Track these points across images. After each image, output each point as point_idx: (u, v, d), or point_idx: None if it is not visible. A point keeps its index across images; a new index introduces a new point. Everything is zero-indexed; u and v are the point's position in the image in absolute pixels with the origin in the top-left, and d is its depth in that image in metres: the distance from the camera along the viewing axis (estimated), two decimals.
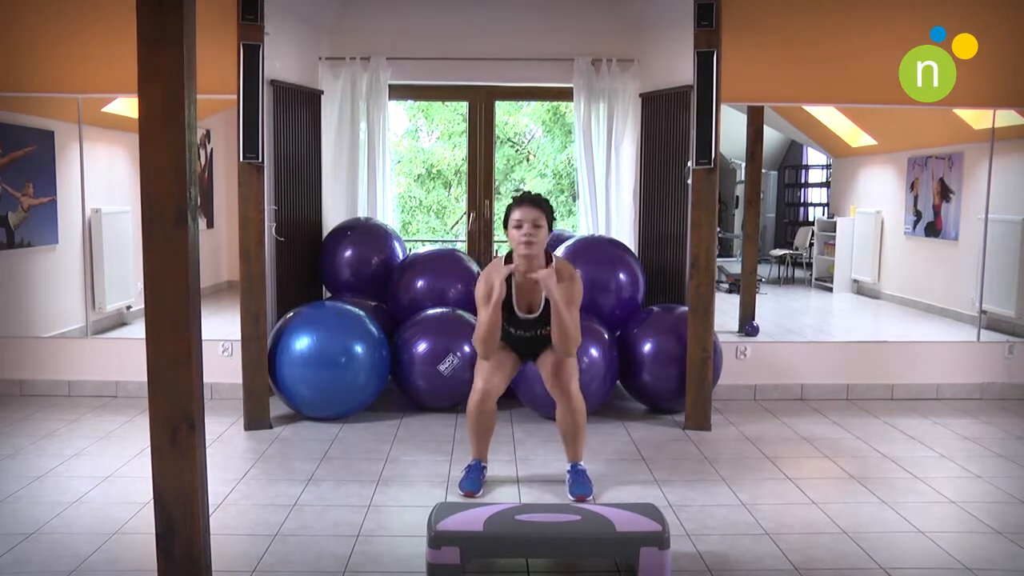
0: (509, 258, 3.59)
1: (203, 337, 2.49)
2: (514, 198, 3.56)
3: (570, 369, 3.61)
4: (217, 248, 6.36)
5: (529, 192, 3.61)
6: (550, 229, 3.54)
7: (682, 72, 4.87)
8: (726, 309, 6.01)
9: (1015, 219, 5.52)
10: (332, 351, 4.51)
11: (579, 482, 3.58)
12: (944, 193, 6.20)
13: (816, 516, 3.37)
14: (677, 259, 5.29)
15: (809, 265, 7.71)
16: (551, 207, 3.57)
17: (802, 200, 8.49)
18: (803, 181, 8.47)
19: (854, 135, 6.92)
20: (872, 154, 7.00)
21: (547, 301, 3.52)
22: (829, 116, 6.73)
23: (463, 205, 7.07)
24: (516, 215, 3.48)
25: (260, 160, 4.38)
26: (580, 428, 3.62)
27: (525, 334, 3.65)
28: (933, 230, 6.33)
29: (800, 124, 7.14)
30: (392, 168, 5.88)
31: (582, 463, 3.68)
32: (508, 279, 3.54)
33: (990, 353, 5.40)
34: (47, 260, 5.47)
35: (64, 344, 5.33)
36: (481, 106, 5.85)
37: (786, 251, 7.89)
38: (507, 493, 3.63)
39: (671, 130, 5.27)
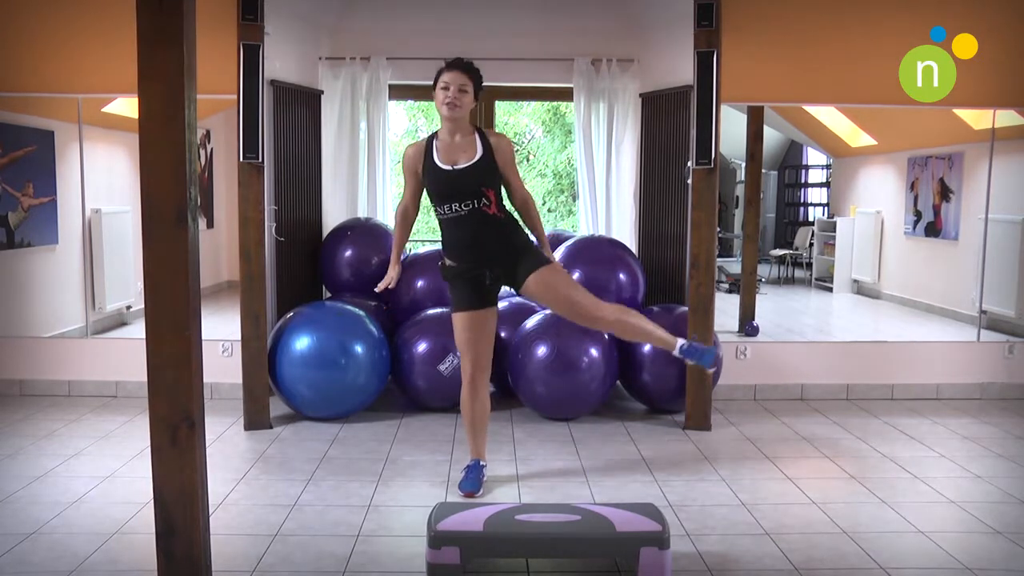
0: (432, 138, 3.58)
1: (203, 337, 2.49)
2: (445, 62, 3.52)
3: (564, 280, 3.49)
4: (217, 248, 6.36)
5: (461, 59, 3.55)
6: (476, 97, 3.52)
7: (682, 72, 4.87)
8: (726, 309, 6.01)
9: (1015, 219, 5.52)
10: (332, 351, 4.51)
11: (696, 352, 3.41)
12: (944, 193, 6.20)
13: (816, 516, 3.37)
14: (677, 259, 5.29)
15: (809, 265, 7.71)
16: (480, 76, 3.53)
17: (802, 200, 8.49)
18: (803, 181, 8.48)
19: (854, 135, 6.92)
20: (872, 154, 7.00)
21: (483, 155, 3.46)
22: (829, 116, 6.73)
23: None
24: (444, 78, 3.46)
25: (260, 160, 4.38)
26: (646, 330, 3.46)
27: (462, 208, 3.44)
28: (933, 230, 6.33)
29: (800, 124, 7.14)
30: (392, 168, 5.87)
31: (682, 341, 3.44)
32: (430, 143, 3.53)
33: (990, 353, 5.40)
34: (47, 260, 5.47)
35: (64, 344, 5.33)
36: (481, 106, 5.84)
37: (786, 251, 7.89)
38: (507, 493, 3.63)
39: (671, 130, 5.27)
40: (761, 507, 3.46)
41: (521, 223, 3.62)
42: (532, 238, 3.64)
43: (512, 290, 3.60)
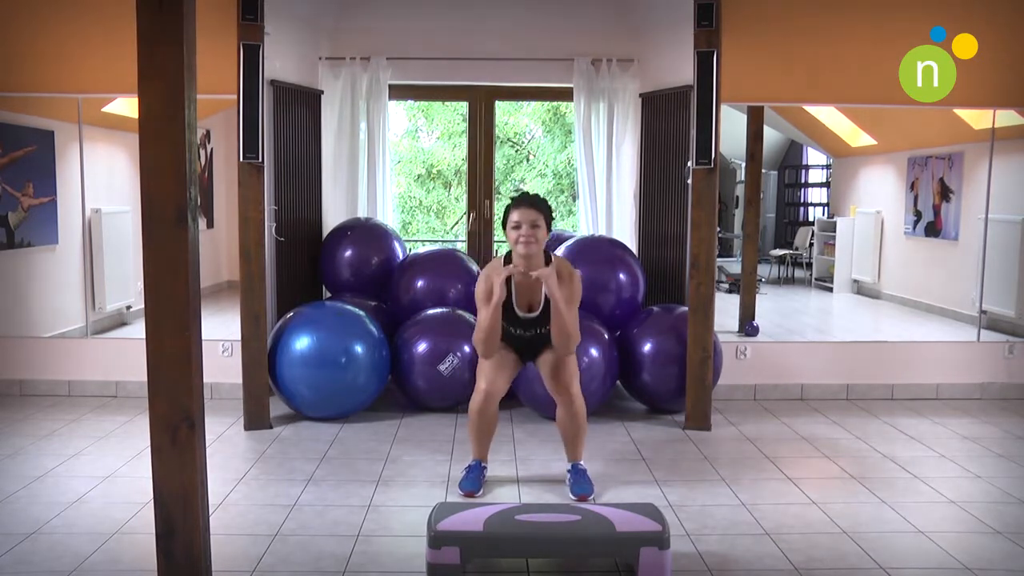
0: (508, 258, 3.59)
1: (203, 337, 2.49)
2: (512, 198, 3.56)
3: (570, 370, 3.61)
4: (217, 248, 6.36)
5: (527, 193, 3.61)
6: (549, 229, 3.54)
7: (682, 72, 4.87)
8: (726, 309, 6.01)
9: (1015, 219, 5.52)
10: (332, 351, 4.51)
11: (580, 482, 3.58)
12: (944, 193, 6.20)
13: (816, 516, 3.37)
14: (677, 259, 5.29)
15: (809, 265, 7.71)
16: (550, 207, 3.57)
17: (802, 200, 8.49)
18: (803, 181, 8.48)
19: (854, 135, 6.93)
20: (872, 154, 7.00)
21: (547, 300, 3.52)
22: (829, 116, 6.73)
23: (463, 205, 7.07)
24: (515, 216, 3.48)
25: (260, 160, 4.38)
26: (581, 429, 3.62)
27: (526, 333, 3.64)
28: (933, 230, 6.34)
29: (800, 124, 7.14)
30: (392, 168, 5.88)
31: (582, 463, 3.68)
32: (508, 279, 3.54)
33: (990, 353, 5.40)
34: (47, 260, 5.47)
35: (64, 344, 5.33)
36: (481, 106, 5.85)
37: (786, 251, 7.89)
38: (507, 493, 3.63)
39: (671, 130, 5.27)
40: (761, 507, 3.46)
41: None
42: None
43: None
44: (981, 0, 5.01)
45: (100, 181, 5.59)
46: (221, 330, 5.22)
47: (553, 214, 3.59)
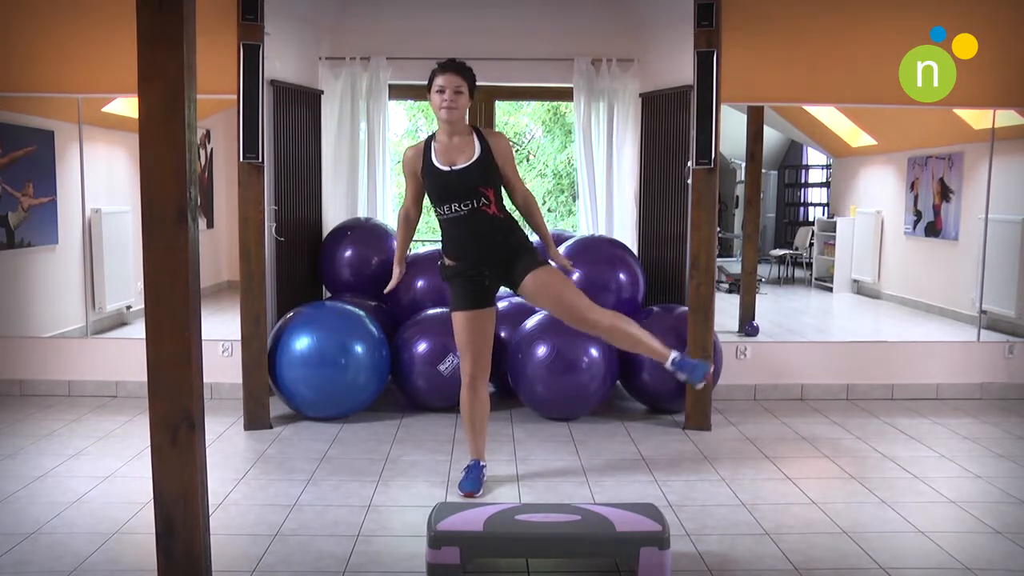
0: (431, 140, 3.57)
1: (203, 337, 2.49)
2: (438, 63, 3.51)
3: (570, 293, 3.47)
4: (217, 248, 6.36)
5: (453, 59, 3.54)
6: (471, 96, 3.52)
7: (682, 72, 4.87)
8: (726, 309, 6.01)
9: (1015, 219, 5.52)
10: (332, 351, 4.51)
11: (688, 366, 3.45)
12: (944, 193, 6.20)
13: (816, 516, 3.37)
14: (677, 259, 5.29)
15: (809, 265, 7.71)
16: (474, 75, 3.52)
17: (802, 200, 8.49)
18: (803, 181, 8.47)
19: (854, 135, 6.92)
20: (872, 154, 7.00)
21: (481, 154, 3.46)
22: (829, 116, 6.73)
23: None
24: (439, 81, 3.45)
25: (260, 160, 4.38)
26: (638, 338, 3.48)
27: (462, 208, 3.44)
28: (933, 230, 6.33)
29: (800, 124, 7.14)
30: (392, 168, 5.87)
31: (675, 354, 3.49)
32: (428, 145, 3.52)
33: (990, 353, 5.40)
34: (47, 260, 5.47)
35: (64, 344, 5.33)
36: (481, 106, 5.84)
37: (786, 251, 7.89)
38: (507, 493, 3.63)
39: (671, 130, 5.27)
40: (761, 507, 3.46)
41: (520, 223, 3.62)
42: (531, 239, 3.64)
43: (511, 291, 3.60)
44: (981, 0, 5.01)
45: (100, 181, 5.59)
46: (221, 330, 5.22)
47: (476, 81, 3.53)
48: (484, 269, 3.51)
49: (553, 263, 3.66)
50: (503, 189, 3.57)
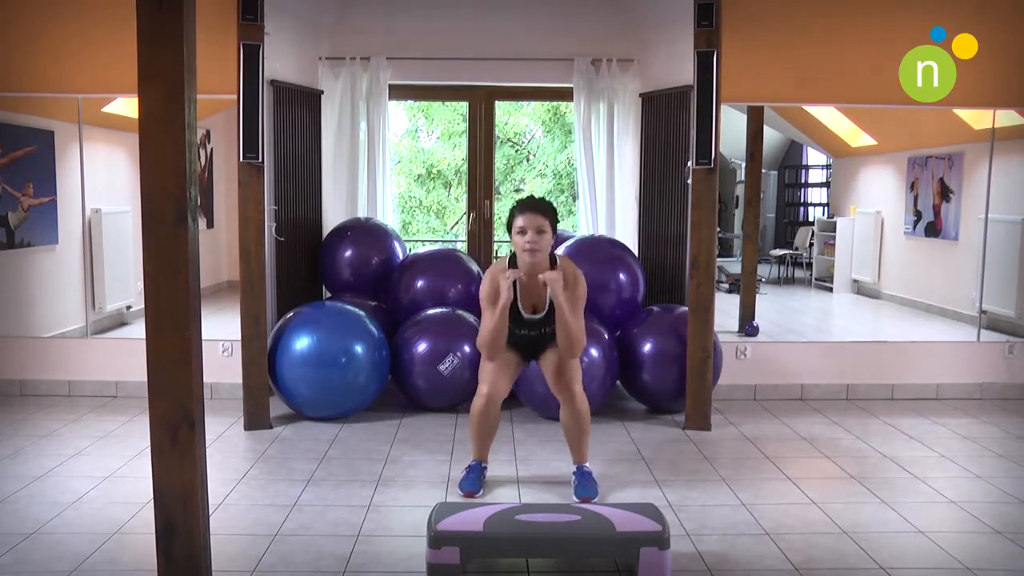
0: (513, 259, 3.58)
1: (203, 337, 2.49)
2: (518, 202, 3.53)
3: (573, 370, 3.60)
4: (217, 248, 6.36)
5: (533, 197, 3.57)
6: (554, 232, 3.53)
7: (682, 72, 4.87)
8: (726, 309, 6.01)
9: (1015, 219, 5.52)
10: (332, 351, 4.51)
11: (585, 484, 3.57)
12: (944, 193, 6.20)
13: (816, 516, 3.37)
14: (677, 259, 5.29)
15: (809, 265, 7.71)
16: (555, 211, 3.54)
17: (802, 200, 8.49)
18: (803, 181, 8.48)
19: (854, 135, 6.93)
20: (872, 154, 7.00)
21: (551, 301, 3.52)
22: (829, 116, 6.73)
23: (463, 205, 7.07)
24: (519, 222, 3.46)
25: (260, 160, 4.38)
26: (584, 429, 3.61)
27: (530, 333, 3.64)
28: (933, 230, 6.34)
29: (800, 124, 7.14)
30: (392, 168, 5.88)
31: (587, 465, 3.66)
32: (515, 283, 3.53)
33: (990, 353, 5.40)
34: (47, 260, 5.47)
35: (64, 344, 5.33)
36: (481, 106, 5.85)
37: (786, 251, 7.89)
38: (507, 493, 3.63)
39: (671, 130, 5.27)
40: (761, 507, 3.46)
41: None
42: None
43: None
44: (981, 0, 5.01)
45: (100, 181, 5.59)
46: (221, 330, 5.22)
47: (558, 216, 3.57)
48: (528, 357, 3.73)
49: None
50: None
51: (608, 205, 5.61)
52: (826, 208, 7.81)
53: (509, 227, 3.53)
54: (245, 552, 2.99)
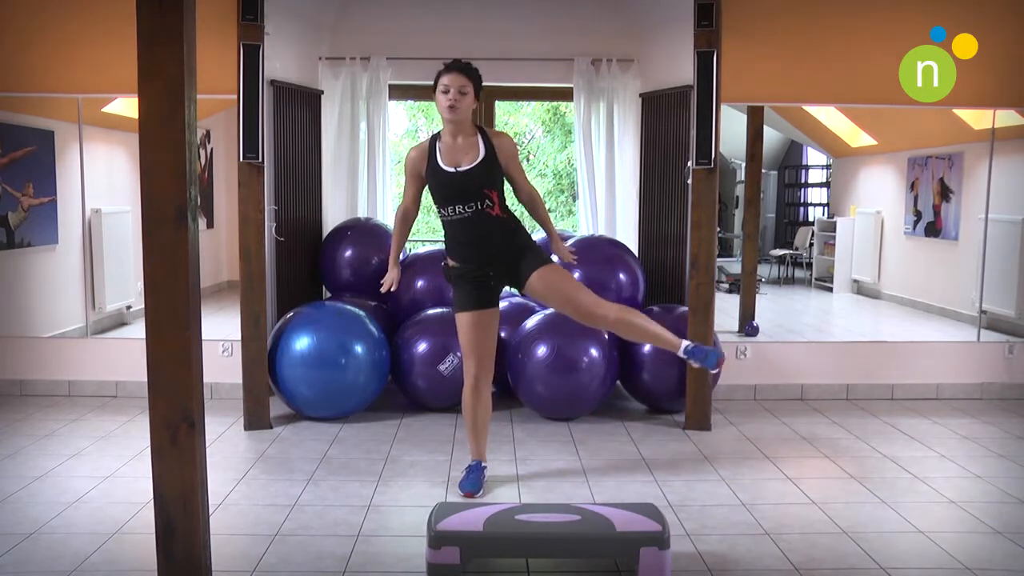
0: (436, 137, 3.57)
1: (203, 337, 2.49)
2: (444, 64, 3.52)
3: (572, 287, 3.49)
4: (217, 248, 6.36)
5: (459, 60, 3.55)
6: (477, 96, 3.52)
7: (682, 72, 4.87)
8: (726, 309, 6.01)
9: (1015, 219, 5.52)
10: (332, 351, 4.51)
11: (702, 354, 3.41)
12: (944, 193, 6.20)
13: (816, 516, 3.37)
14: (677, 259, 5.29)
15: (809, 265, 7.71)
16: (479, 76, 3.53)
17: (802, 200, 8.49)
18: (803, 181, 8.48)
19: (854, 135, 6.93)
20: (872, 154, 7.00)
21: (486, 156, 3.46)
22: (829, 116, 6.73)
23: None
24: (444, 80, 3.46)
25: (260, 160, 4.38)
26: (647, 329, 3.45)
27: (466, 210, 3.45)
28: (933, 230, 6.34)
29: (800, 124, 7.14)
30: (392, 168, 5.87)
31: (687, 343, 3.47)
32: (432, 144, 3.52)
33: (990, 353, 5.40)
34: (47, 260, 5.47)
35: (64, 344, 5.33)
36: (481, 106, 5.82)
37: (786, 251, 7.89)
38: (507, 493, 3.63)
39: (671, 130, 5.27)
40: (761, 507, 3.46)
41: (523, 222, 3.63)
42: (534, 237, 3.65)
43: (514, 290, 3.60)
44: (981, 0, 5.01)
45: (100, 181, 5.59)
46: (221, 330, 5.22)
47: (482, 81, 3.54)
48: (489, 270, 3.52)
49: (556, 257, 3.68)
50: (508, 189, 3.57)
51: (608, 205, 5.61)
52: (826, 208, 7.81)
53: (434, 89, 3.50)
54: (245, 552, 2.99)
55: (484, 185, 3.45)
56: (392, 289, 3.71)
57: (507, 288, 3.66)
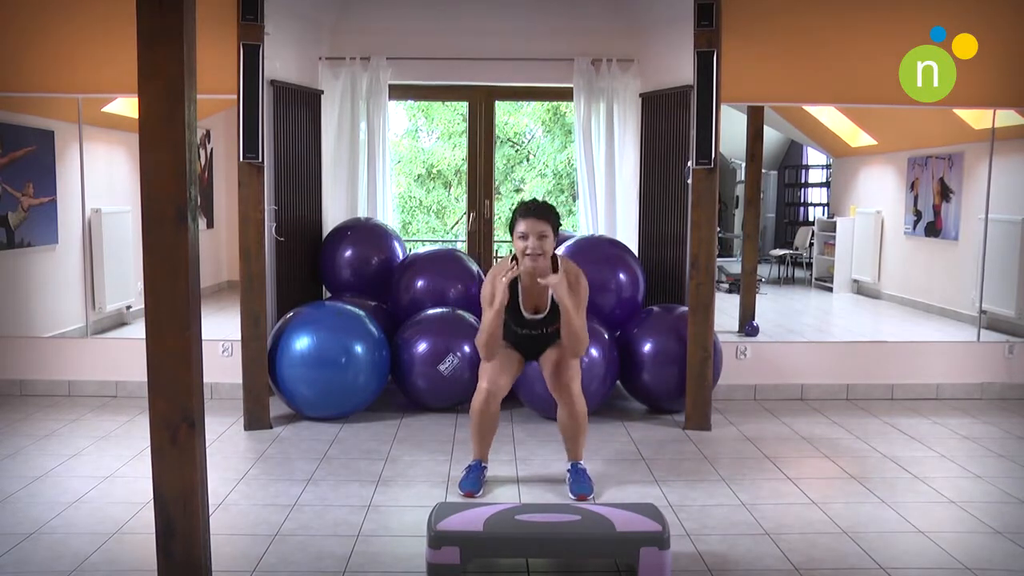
0: (515, 257, 3.57)
1: (203, 337, 2.49)
2: (521, 205, 3.51)
3: (572, 370, 3.61)
4: (217, 248, 6.36)
5: (536, 200, 3.56)
6: (555, 236, 3.52)
7: (682, 72, 4.87)
8: (726, 309, 6.01)
9: (1015, 219, 5.52)
10: (332, 351, 4.51)
11: (580, 481, 3.58)
12: (944, 193, 6.20)
13: (816, 516, 3.37)
14: (677, 259, 5.29)
15: (809, 265, 7.71)
16: (557, 215, 3.53)
17: (802, 200, 8.50)
18: (803, 181, 8.48)
19: (854, 135, 6.93)
20: (872, 154, 7.00)
21: (553, 302, 3.52)
22: (829, 116, 6.73)
23: (463, 205, 7.07)
24: (521, 227, 3.45)
25: (260, 160, 4.38)
26: (581, 429, 3.62)
27: (532, 332, 3.66)
28: (933, 230, 6.34)
29: (800, 124, 7.14)
30: (392, 168, 5.88)
31: (582, 463, 3.68)
32: (514, 281, 3.53)
33: (990, 353, 5.40)
34: (47, 260, 5.47)
35: (64, 344, 5.33)
36: (481, 106, 5.85)
37: (786, 251, 7.90)
38: (507, 493, 3.63)
39: (671, 130, 5.27)
40: (761, 507, 3.46)
41: None
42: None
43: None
44: (981, 0, 5.01)
45: (100, 181, 5.59)
46: (221, 330, 5.22)
47: (560, 220, 3.57)
48: (529, 356, 3.75)
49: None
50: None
51: (608, 205, 5.61)
52: (826, 208, 7.81)
53: (511, 231, 3.53)
54: (245, 552, 2.99)
55: (555, 321, 3.57)
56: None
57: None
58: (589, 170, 5.62)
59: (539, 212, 3.47)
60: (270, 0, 4.36)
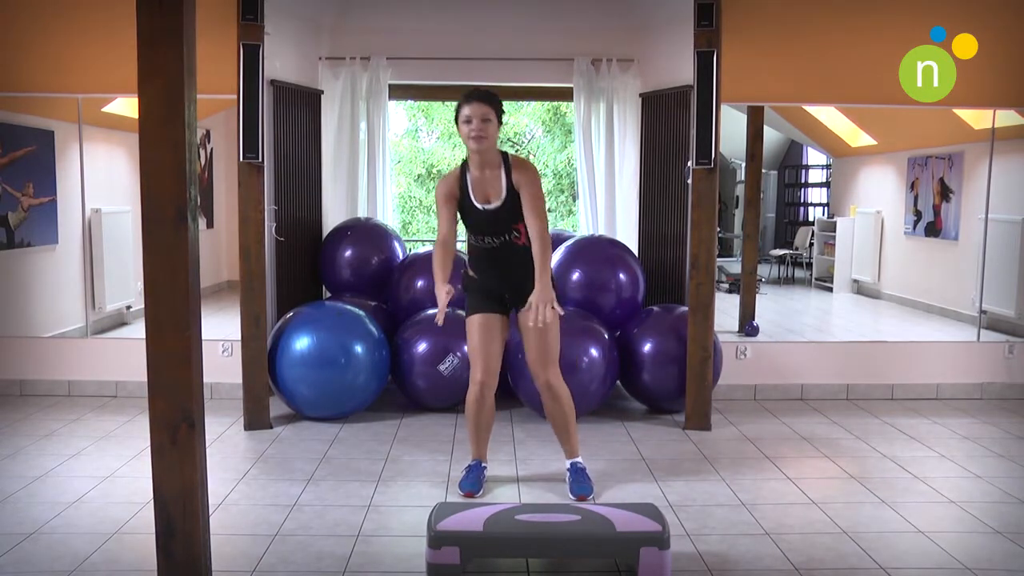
0: (465, 165, 3.57)
1: (203, 337, 2.49)
2: (464, 94, 3.51)
3: (551, 351, 3.56)
4: (217, 248, 6.36)
5: (479, 88, 3.54)
6: (500, 123, 3.51)
7: (682, 72, 4.87)
8: (726, 309, 6.02)
9: (1015, 219, 5.52)
10: (332, 351, 4.51)
11: (580, 481, 3.57)
12: (944, 193, 6.20)
13: (816, 516, 3.37)
14: (677, 259, 5.29)
15: (809, 265, 7.72)
16: (500, 101, 3.52)
17: (802, 200, 8.50)
18: (803, 181, 8.48)
19: (854, 135, 6.93)
20: (872, 154, 7.01)
21: (509, 190, 3.48)
22: (829, 116, 6.73)
23: None
24: (465, 111, 3.45)
25: (260, 160, 4.38)
26: (569, 417, 3.61)
27: (495, 241, 3.55)
28: (933, 230, 6.34)
29: (800, 124, 7.14)
30: (392, 168, 5.88)
31: (581, 461, 3.67)
32: (463, 176, 3.53)
33: (990, 353, 5.40)
34: (47, 260, 5.47)
35: (64, 344, 5.33)
36: None
37: (786, 251, 7.90)
38: (507, 493, 3.63)
39: (671, 130, 5.27)
40: (761, 507, 3.46)
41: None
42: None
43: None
44: (981, 0, 5.01)
45: (100, 181, 5.59)
46: (221, 330, 5.22)
47: (504, 108, 3.53)
48: (505, 292, 3.62)
49: (532, 297, 3.48)
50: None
51: (608, 205, 5.61)
52: (826, 208, 7.81)
53: (456, 119, 3.50)
54: (245, 552, 2.99)
55: (512, 220, 3.51)
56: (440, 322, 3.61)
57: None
58: (589, 170, 5.62)
59: (482, 96, 3.46)
60: (270, 0, 4.36)
